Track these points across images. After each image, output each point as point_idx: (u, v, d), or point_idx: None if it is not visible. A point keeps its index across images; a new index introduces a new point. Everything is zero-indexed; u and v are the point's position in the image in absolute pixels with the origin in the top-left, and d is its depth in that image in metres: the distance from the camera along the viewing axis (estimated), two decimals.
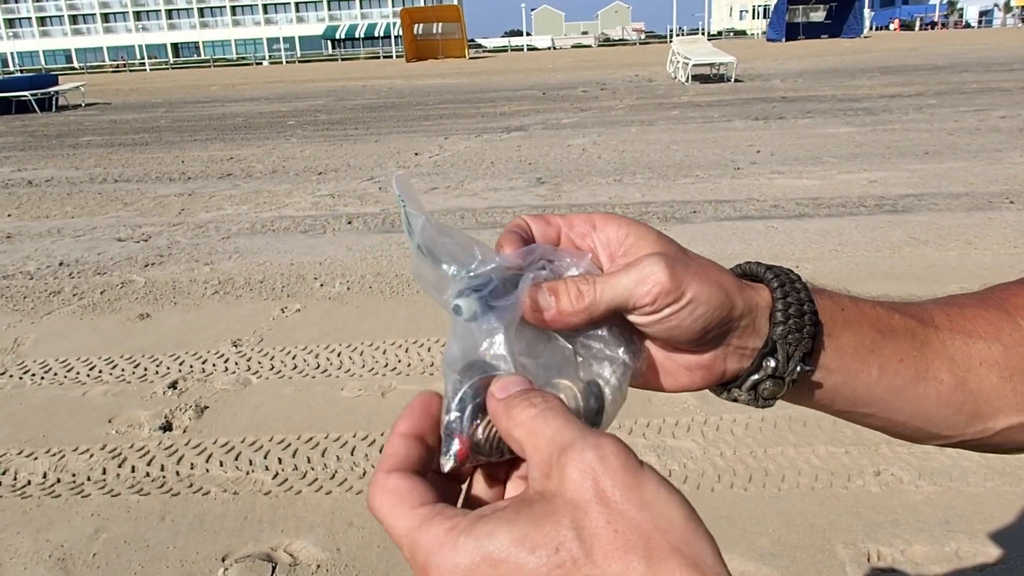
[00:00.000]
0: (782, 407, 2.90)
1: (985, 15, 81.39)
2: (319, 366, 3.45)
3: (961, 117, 10.16)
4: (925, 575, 2.06)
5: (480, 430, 0.40)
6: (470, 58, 43.20)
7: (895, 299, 0.54)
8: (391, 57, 52.30)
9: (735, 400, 0.49)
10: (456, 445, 0.40)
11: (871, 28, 61.07)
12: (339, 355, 3.54)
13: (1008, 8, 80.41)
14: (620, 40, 78.19)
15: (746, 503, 2.38)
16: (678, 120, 11.38)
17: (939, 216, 5.41)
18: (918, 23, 70.53)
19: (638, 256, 0.43)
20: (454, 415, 0.40)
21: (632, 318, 0.43)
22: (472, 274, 0.42)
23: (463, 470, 0.41)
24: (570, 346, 0.44)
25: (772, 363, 0.45)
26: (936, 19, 74.89)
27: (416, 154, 9.40)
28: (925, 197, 5.97)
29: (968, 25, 75.72)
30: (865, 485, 2.44)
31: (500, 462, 0.42)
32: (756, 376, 0.46)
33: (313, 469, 2.65)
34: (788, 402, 0.50)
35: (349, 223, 6.04)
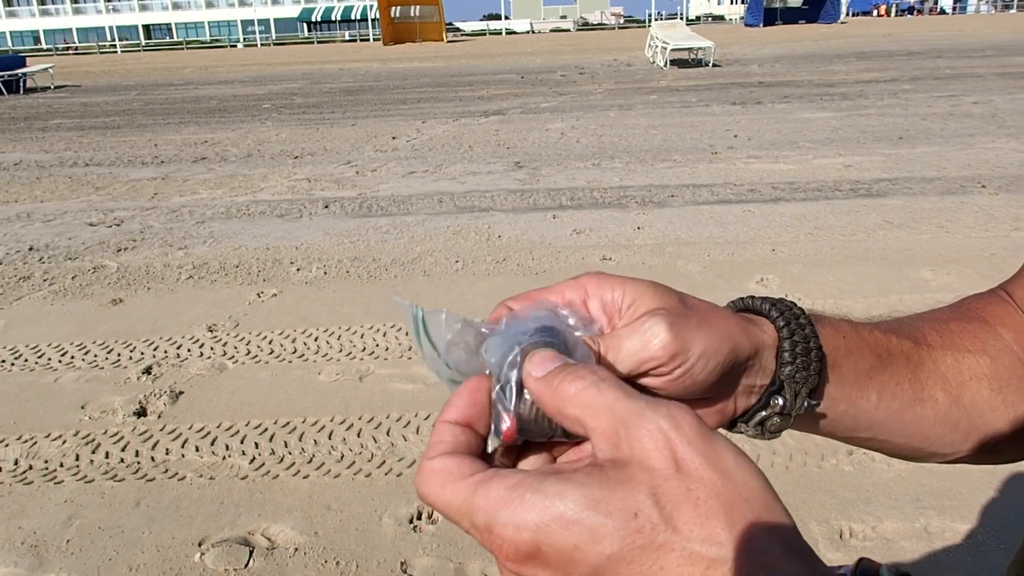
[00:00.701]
0: None
1: (959, 1, 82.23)
2: (296, 350, 3.42)
3: (935, 102, 10.27)
4: (896, 551, 2.11)
5: (524, 407, 0.38)
6: (448, 41, 42.84)
7: (886, 317, 0.54)
8: (368, 40, 51.72)
9: (740, 433, 0.48)
10: (505, 423, 0.38)
11: (848, 14, 61.45)
12: (316, 339, 3.52)
13: None
14: (599, 24, 77.95)
15: None
16: (656, 105, 11.39)
17: (912, 200, 5.48)
18: (894, 9, 71.09)
19: (637, 317, 0.41)
20: (496, 392, 0.39)
21: (644, 382, 0.41)
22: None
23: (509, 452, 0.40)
24: None
25: (780, 401, 0.45)
26: (913, 4, 75.54)
27: (393, 138, 9.33)
28: (899, 181, 6.04)
29: (943, 11, 76.43)
30: (838, 464, 2.48)
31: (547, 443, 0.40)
32: (764, 413, 0.46)
33: (290, 453, 2.64)
34: (803, 432, 0.50)
35: (326, 207, 5.99)
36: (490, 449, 0.38)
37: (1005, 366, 0.52)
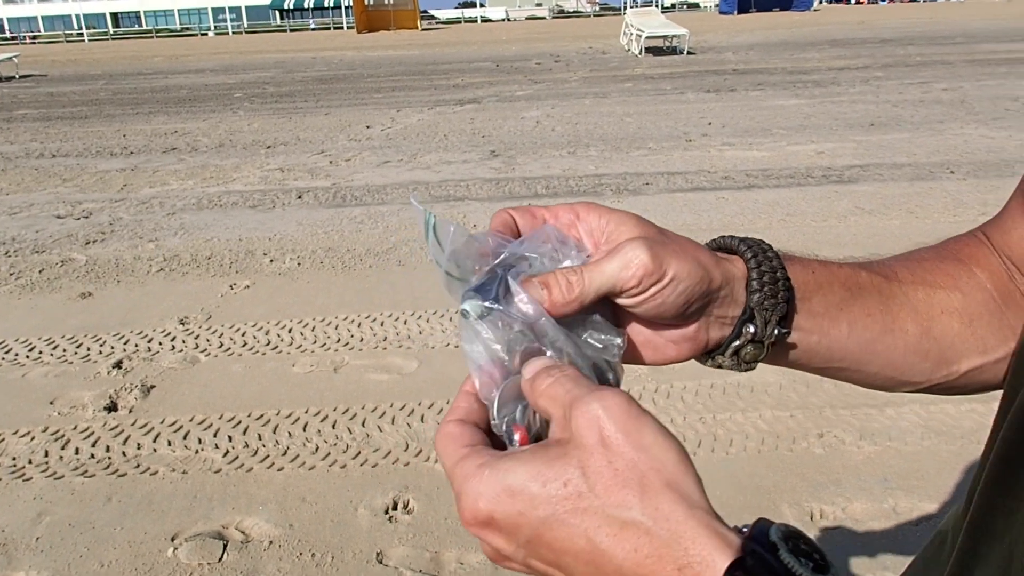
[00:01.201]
0: (729, 373, 2.95)
1: None
2: (269, 342, 3.39)
3: (906, 89, 10.39)
4: (865, 531, 2.14)
5: (531, 416, 0.44)
6: (423, 29, 42.48)
7: (860, 259, 0.57)
8: (341, 28, 51.14)
9: (719, 366, 0.52)
10: (517, 437, 0.43)
11: (821, 1, 61.82)
12: (290, 331, 3.49)
13: None
14: (575, 12, 77.72)
15: (696, 467, 2.43)
16: (631, 92, 11.40)
17: (883, 186, 5.55)
18: None
19: (620, 242, 0.46)
20: (496, 417, 0.44)
21: (620, 301, 0.46)
22: (474, 277, 0.46)
23: None
24: (571, 328, 0.47)
25: (751, 329, 0.49)
26: None
27: (368, 127, 9.25)
28: (870, 167, 6.11)
29: None
30: (809, 447, 2.51)
31: None
32: (737, 342, 0.49)
33: (264, 446, 2.62)
34: (767, 363, 0.52)
35: (299, 197, 5.93)
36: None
37: (976, 301, 0.54)
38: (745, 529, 0.37)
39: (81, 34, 56.81)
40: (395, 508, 2.29)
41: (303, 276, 4.23)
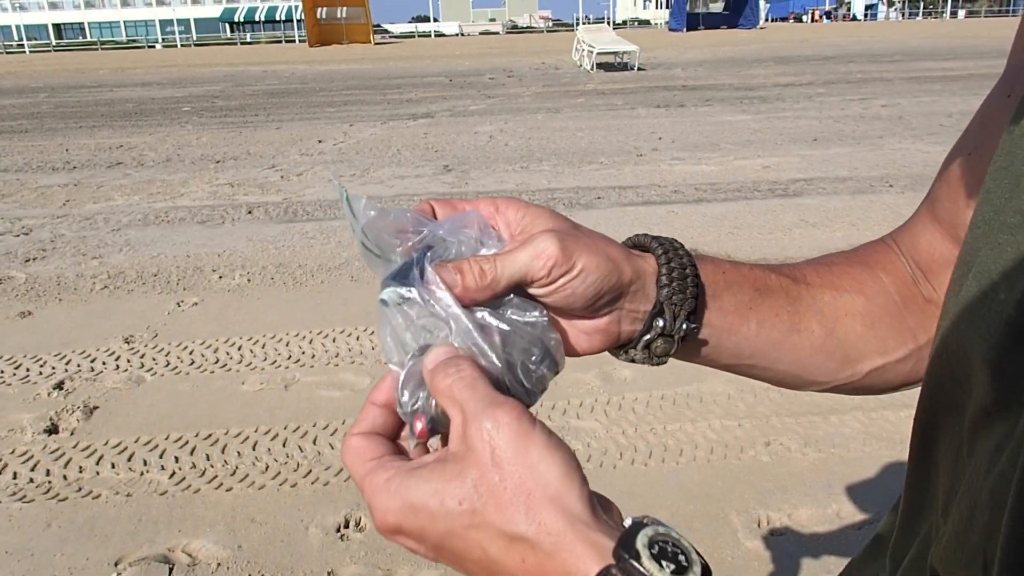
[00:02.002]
0: (679, 385, 2.99)
1: (870, 8, 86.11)
2: (218, 360, 3.33)
3: (847, 105, 10.74)
4: (810, 535, 2.20)
5: (434, 405, 0.44)
6: (376, 43, 42.34)
7: (773, 263, 0.59)
8: (293, 41, 50.68)
9: (632, 360, 0.53)
10: (418, 426, 0.45)
11: (767, 19, 63.56)
12: (239, 348, 3.44)
13: (891, 3, 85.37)
14: (527, 27, 78.42)
15: (647, 478, 2.47)
16: (583, 108, 11.55)
17: (827, 199, 5.72)
18: (812, 16, 73.93)
19: (533, 233, 0.47)
20: (404, 398, 0.45)
21: (531, 290, 0.47)
22: (393, 262, 0.47)
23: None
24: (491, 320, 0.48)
25: (661, 323, 0.50)
26: (829, 10, 78.78)
27: (320, 141, 9.18)
28: (814, 181, 6.29)
29: (855, 18, 79.92)
30: (756, 455, 2.57)
31: None
32: (648, 336, 0.51)
33: (213, 466, 2.57)
34: (679, 359, 0.54)
35: (249, 213, 5.85)
36: (411, 447, 0.46)
37: (878, 305, 0.57)
38: (635, 520, 0.39)
39: (22, 45, 55.15)
40: (347, 526, 2.27)
41: (253, 292, 4.16)
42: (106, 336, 3.62)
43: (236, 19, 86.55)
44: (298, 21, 54.53)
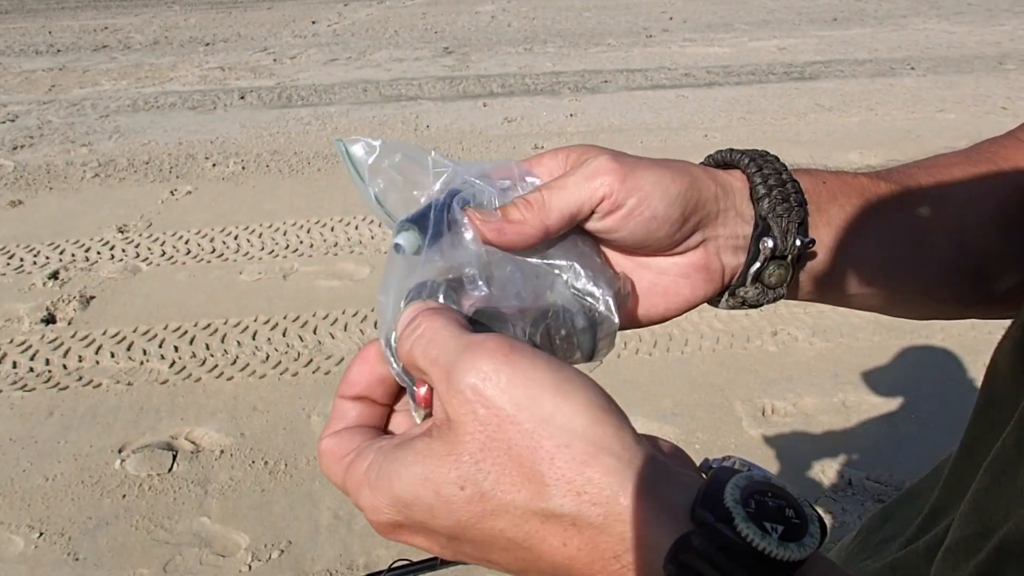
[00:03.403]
0: None
1: None
2: (215, 250, 3.26)
3: None
4: (815, 424, 2.18)
5: None
6: None
7: (868, 168, 0.49)
8: None
9: (743, 302, 0.43)
10: (420, 391, 0.36)
11: None
12: (236, 238, 3.36)
13: None
14: None
15: (651, 367, 2.44)
16: None
17: (844, 83, 5.47)
18: None
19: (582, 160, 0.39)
20: (397, 367, 0.36)
21: (595, 226, 0.38)
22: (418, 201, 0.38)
23: None
24: (540, 271, 0.38)
25: (769, 243, 0.41)
26: None
27: (313, 22, 8.75)
28: (831, 64, 6.00)
29: None
30: (763, 345, 2.53)
31: None
32: (757, 264, 0.41)
33: (213, 356, 2.55)
34: (794, 298, 0.45)
35: (242, 98, 5.62)
36: (418, 421, 0.37)
37: (1012, 211, 0.47)
38: (717, 463, 0.30)
39: None
40: None
41: (248, 180, 4.04)
42: (99, 225, 3.54)
43: None
44: None
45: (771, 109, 4.93)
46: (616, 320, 0.38)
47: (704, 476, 0.30)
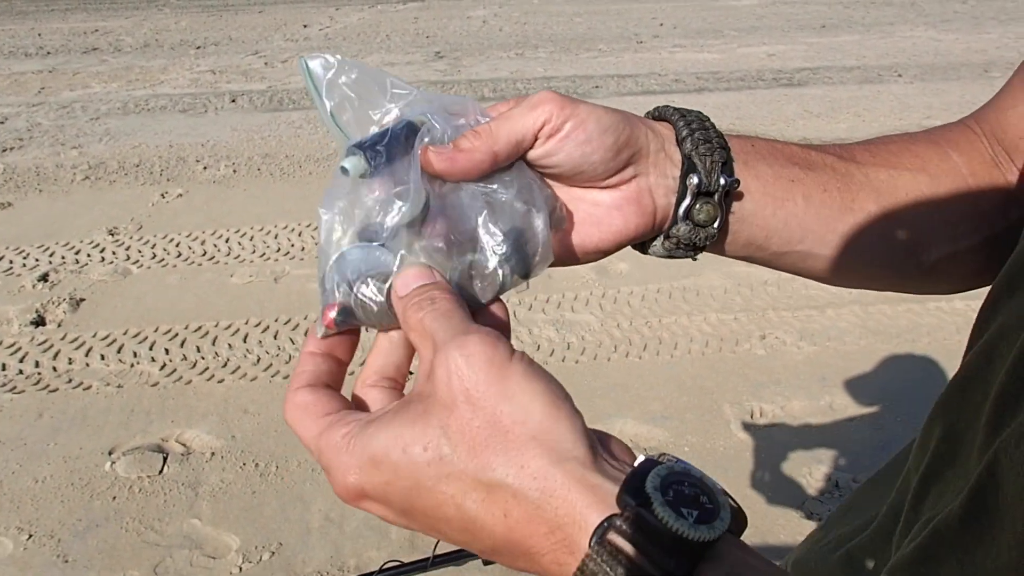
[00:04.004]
0: (676, 278, 2.94)
1: None
2: (206, 253, 3.26)
3: None
4: (802, 427, 2.21)
5: (355, 296, 0.39)
6: None
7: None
8: None
9: (678, 244, 0.46)
10: (329, 315, 0.39)
11: None
12: (227, 241, 3.36)
13: None
14: None
15: (640, 370, 2.46)
16: None
17: (832, 89, 5.52)
18: None
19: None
20: (329, 285, 0.39)
21: (536, 152, 0.42)
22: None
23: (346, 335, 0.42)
24: (480, 199, 0.41)
25: (695, 179, 0.44)
26: None
27: (305, 26, 8.75)
28: (820, 71, 6.05)
29: None
30: (752, 348, 2.55)
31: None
32: (687, 201, 0.44)
33: (204, 358, 2.55)
34: (724, 252, 0.48)
35: (233, 101, 5.62)
36: (319, 335, 0.40)
37: (946, 185, 0.49)
38: (657, 459, 0.32)
39: None
40: None
41: (239, 184, 4.04)
42: (89, 228, 3.53)
43: None
44: None
45: (760, 115, 4.97)
46: (545, 233, 0.41)
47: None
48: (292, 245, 3.30)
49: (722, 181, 0.44)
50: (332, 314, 0.39)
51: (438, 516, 0.34)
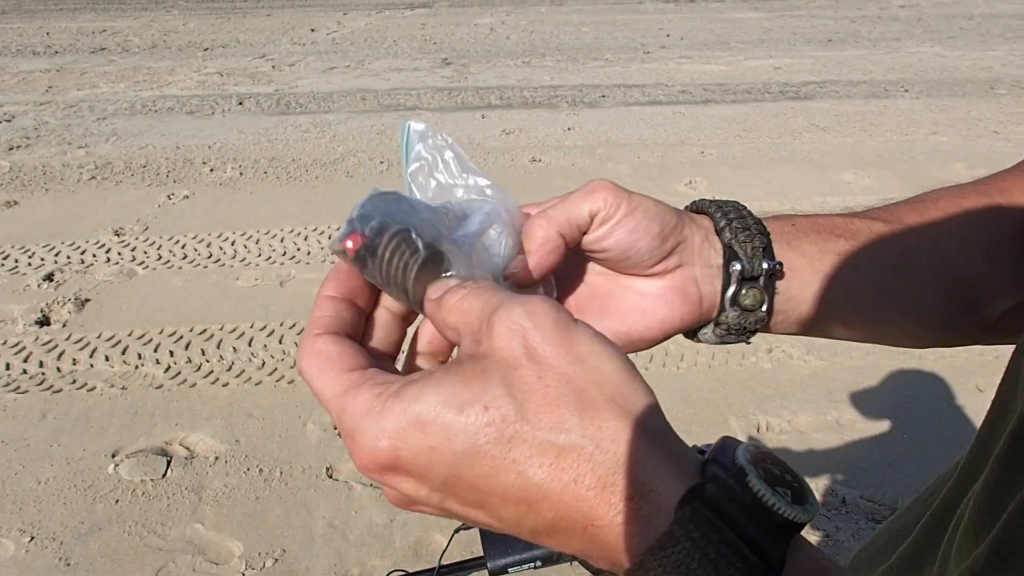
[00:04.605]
0: None
1: None
2: (211, 255, 3.26)
3: (864, 5, 10.27)
4: (808, 442, 2.20)
5: (384, 246, 0.36)
6: None
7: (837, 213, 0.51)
8: None
9: (728, 330, 0.46)
10: (352, 241, 0.36)
11: None
12: (233, 243, 3.35)
13: None
14: None
15: (647, 382, 2.44)
16: (589, 0, 11.02)
17: (839, 103, 5.52)
18: None
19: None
20: (368, 224, 0.36)
21: (590, 237, 0.43)
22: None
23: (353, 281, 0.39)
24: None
25: (737, 266, 0.44)
26: None
27: (312, 30, 8.78)
28: (826, 84, 6.06)
29: None
30: (758, 362, 2.54)
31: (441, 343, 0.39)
32: (732, 288, 0.45)
33: (208, 361, 2.54)
34: (782, 332, 0.48)
35: (240, 104, 5.63)
36: (331, 249, 0.38)
37: (999, 236, 0.48)
38: (707, 448, 0.32)
39: None
40: None
41: (246, 186, 4.04)
42: (95, 228, 3.53)
43: None
44: None
45: (767, 127, 4.97)
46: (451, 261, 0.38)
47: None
48: (298, 249, 3.30)
49: (764, 266, 0.44)
50: (353, 243, 0.36)
51: (491, 487, 0.30)
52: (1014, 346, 0.45)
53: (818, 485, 2.03)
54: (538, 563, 0.91)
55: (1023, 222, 0.49)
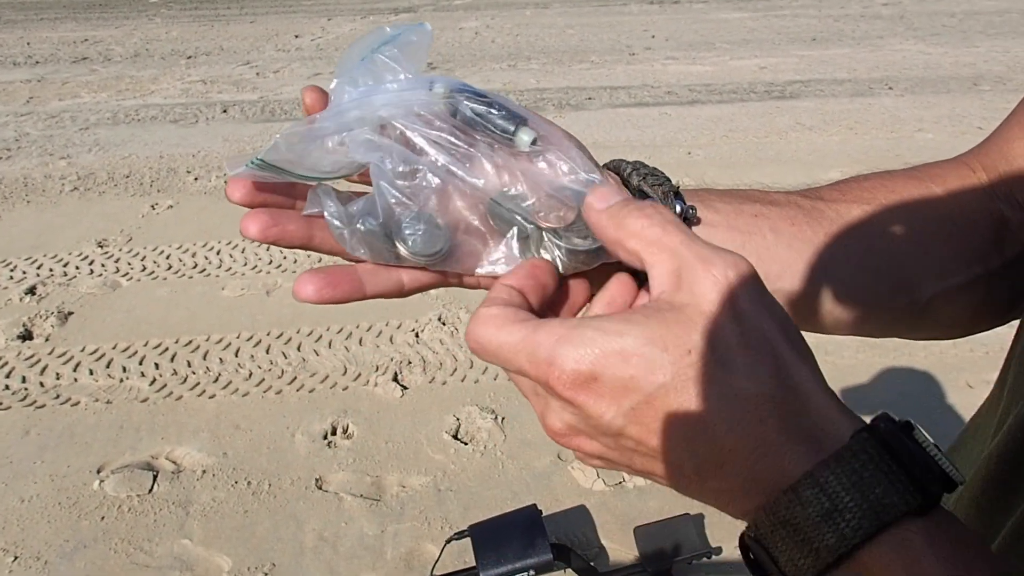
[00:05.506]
0: None
1: None
2: (196, 265, 3.22)
3: (847, 4, 10.34)
4: None
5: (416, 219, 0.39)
6: None
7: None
8: None
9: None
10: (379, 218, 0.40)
11: None
12: (218, 253, 3.32)
13: None
14: None
15: None
16: (574, 3, 11.04)
17: (824, 102, 5.54)
18: None
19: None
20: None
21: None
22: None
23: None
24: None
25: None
26: None
27: (296, 36, 8.74)
28: (812, 83, 6.09)
29: None
30: None
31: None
32: None
33: (194, 373, 2.51)
34: None
35: (224, 112, 5.59)
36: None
37: (927, 220, 0.47)
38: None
39: None
40: (334, 433, 2.23)
41: None
42: (78, 240, 3.48)
43: None
44: None
45: (753, 127, 4.98)
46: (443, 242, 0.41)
47: None
48: (284, 257, 3.27)
49: (677, 208, 0.43)
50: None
51: (678, 415, 0.32)
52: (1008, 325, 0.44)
53: None
54: (531, 572, 0.89)
55: (955, 210, 0.47)
